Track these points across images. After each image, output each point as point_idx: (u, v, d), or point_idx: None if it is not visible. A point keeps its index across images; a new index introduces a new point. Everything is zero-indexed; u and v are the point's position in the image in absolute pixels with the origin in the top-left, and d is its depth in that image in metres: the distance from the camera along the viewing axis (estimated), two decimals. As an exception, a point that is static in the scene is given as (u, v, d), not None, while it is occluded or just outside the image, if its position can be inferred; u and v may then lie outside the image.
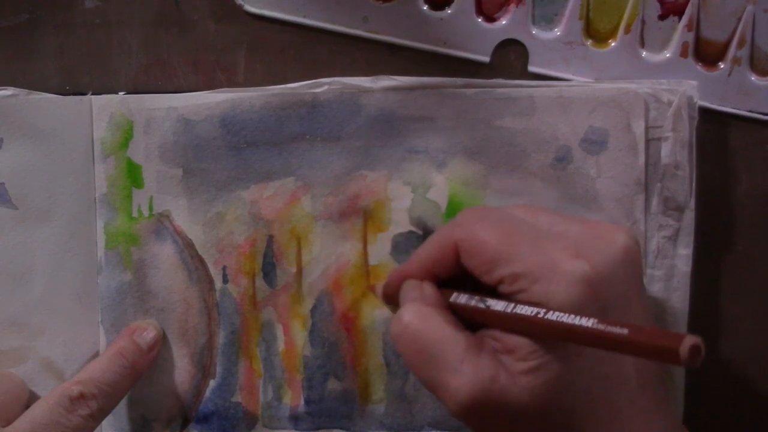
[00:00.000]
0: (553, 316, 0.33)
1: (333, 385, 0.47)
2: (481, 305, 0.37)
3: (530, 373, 0.34)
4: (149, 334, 0.46)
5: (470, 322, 0.37)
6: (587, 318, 0.32)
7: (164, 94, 0.46)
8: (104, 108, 0.46)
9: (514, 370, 0.34)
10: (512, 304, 0.35)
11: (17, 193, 0.46)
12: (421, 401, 0.47)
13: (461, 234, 0.37)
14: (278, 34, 0.47)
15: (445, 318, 0.37)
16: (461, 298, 0.38)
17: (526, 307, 0.34)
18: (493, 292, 0.36)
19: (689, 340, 0.29)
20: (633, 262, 0.36)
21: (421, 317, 0.36)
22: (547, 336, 0.34)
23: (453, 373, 0.35)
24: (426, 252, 0.40)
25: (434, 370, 0.35)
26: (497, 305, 0.36)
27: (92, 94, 0.46)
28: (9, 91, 0.46)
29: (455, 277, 0.39)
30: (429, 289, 0.39)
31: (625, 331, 0.31)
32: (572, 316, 0.33)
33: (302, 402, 0.47)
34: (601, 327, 0.32)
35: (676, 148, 0.45)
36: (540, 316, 0.34)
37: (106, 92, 0.46)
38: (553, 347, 0.34)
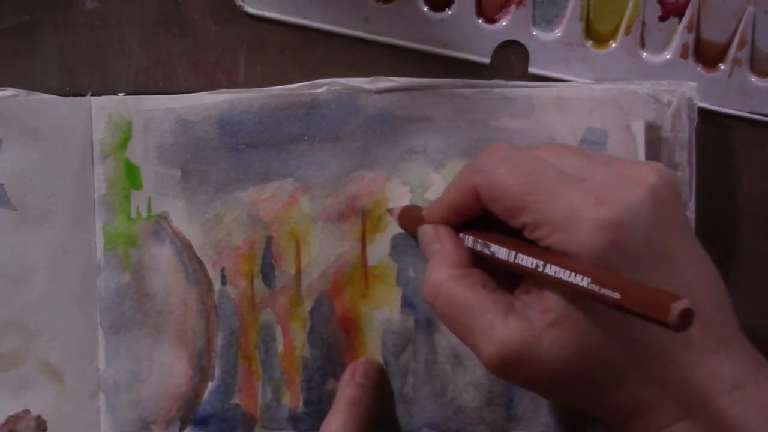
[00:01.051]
0: (551, 270, 0.32)
1: (332, 385, 0.46)
2: (486, 251, 0.36)
3: (556, 325, 0.33)
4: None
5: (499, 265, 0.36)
6: (582, 276, 0.31)
7: (163, 95, 0.46)
8: (103, 109, 0.46)
9: (540, 324, 0.33)
10: (514, 253, 0.34)
11: (16, 194, 0.46)
12: (420, 402, 0.46)
13: (481, 179, 0.36)
14: (278, 35, 0.47)
15: (476, 279, 0.36)
16: (468, 241, 0.37)
17: (527, 257, 0.33)
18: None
19: (679, 305, 0.28)
20: (665, 202, 0.33)
21: (450, 281, 0.36)
22: (556, 289, 0.33)
23: (483, 339, 0.34)
24: (447, 196, 0.39)
25: (466, 335, 0.35)
26: (501, 252, 0.35)
27: (92, 94, 0.46)
28: (9, 91, 0.46)
29: (483, 216, 0.37)
30: (449, 239, 0.38)
31: (617, 295, 0.29)
32: (569, 272, 0.31)
33: (301, 403, 0.47)
34: (594, 288, 0.30)
35: (675, 149, 0.45)
36: (539, 269, 0.32)
37: (107, 93, 0.46)
38: (581, 298, 0.32)
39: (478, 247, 0.36)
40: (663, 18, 0.47)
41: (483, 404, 0.46)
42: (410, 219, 0.43)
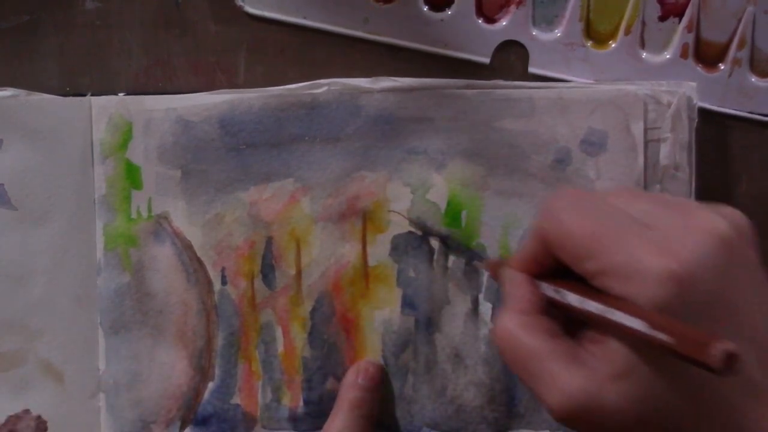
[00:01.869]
0: (612, 315, 0.32)
1: (332, 385, 0.46)
2: (558, 297, 0.35)
3: (620, 376, 0.32)
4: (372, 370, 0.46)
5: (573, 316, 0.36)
6: (639, 320, 0.30)
7: (163, 95, 0.46)
8: (103, 109, 0.46)
9: (604, 374, 0.33)
10: (583, 299, 0.34)
11: (17, 194, 0.46)
12: (420, 402, 0.46)
13: (548, 224, 0.35)
14: (278, 35, 0.47)
15: (542, 326, 0.35)
16: (546, 288, 0.37)
17: (593, 303, 0.33)
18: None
19: (721, 347, 0.27)
20: (734, 251, 0.32)
21: (518, 327, 0.35)
22: (620, 339, 0.32)
23: (547, 388, 0.34)
24: (525, 243, 0.38)
25: (530, 381, 0.35)
26: (571, 298, 0.34)
27: (92, 94, 0.46)
28: (9, 91, 0.46)
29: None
30: (524, 285, 0.37)
31: (671, 339, 0.29)
32: (627, 316, 0.31)
33: (301, 403, 0.47)
34: (650, 332, 0.30)
35: (675, 150, 0.45)
36: (603, 315, 0.32)
37: (107, 93, 0.46)
38: (646, 348, 0.32)
39: (552, 293, 0.36)
40: (663, 18, 0.47)
41: (484, 403, 0.46)
42: (499, 268, 0.42)
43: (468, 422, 0.46)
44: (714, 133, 0.47)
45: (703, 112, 0.46)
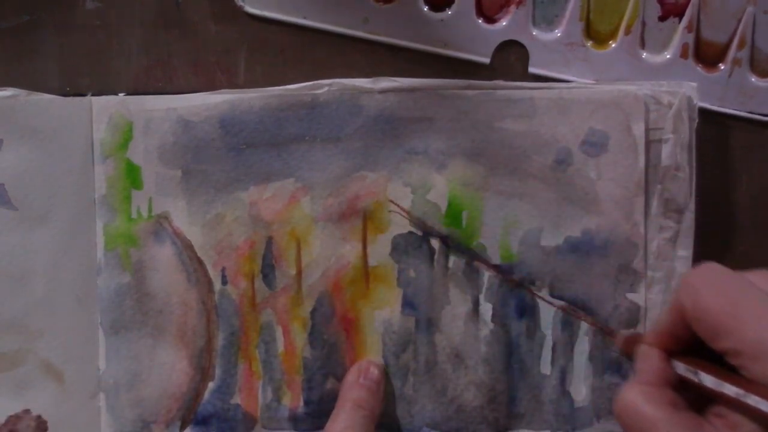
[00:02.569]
0: (752, 401, 0.32)
1: (332, 385, 0.46)
2: (694, 378, 0.36)
3: None
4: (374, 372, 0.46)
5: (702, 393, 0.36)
6: None
7: (164, 95, 0.46)
8: (104, 109, 0.46)
9: None
10: (721, 382, 0.34)
11: (17, 194, 0.46)
12: (420, 402, 0.47)
13: (686, 297, 0.35)
14: (278, 36, 0.47)
15: (666, 398, 0.36)
16: (679, 367, 0.37)
17: (733, 387, 0.33)
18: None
19: None
20: None
21: (640, 397, 0.36)
22: (753, 418, 0.33)
23: None
24: (663, 316, 0.39)
25: None
26: (707, 380, 0.35)
27: (93, 94, 0.46)
28: (9, 91, 0.46)
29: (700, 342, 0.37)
30: (655, 361, 0.38)
31: None
32: (766, 402, 0.31)
33: (301, 403, 0.47)
34: None
35: (676, 150, 0.45)
36: (743, 399, 0.32)
37: (107, 93, 0.46)
38: None
39: (686, 374, 0.37)
40: (663, 18, 0.47)
41: (484, 403, 0.46)
42: (633, 344, 0.43)
43: (468, 422, 0.46)
44: (714, 133, 0.48)
45: (703, 112, 0.47)
